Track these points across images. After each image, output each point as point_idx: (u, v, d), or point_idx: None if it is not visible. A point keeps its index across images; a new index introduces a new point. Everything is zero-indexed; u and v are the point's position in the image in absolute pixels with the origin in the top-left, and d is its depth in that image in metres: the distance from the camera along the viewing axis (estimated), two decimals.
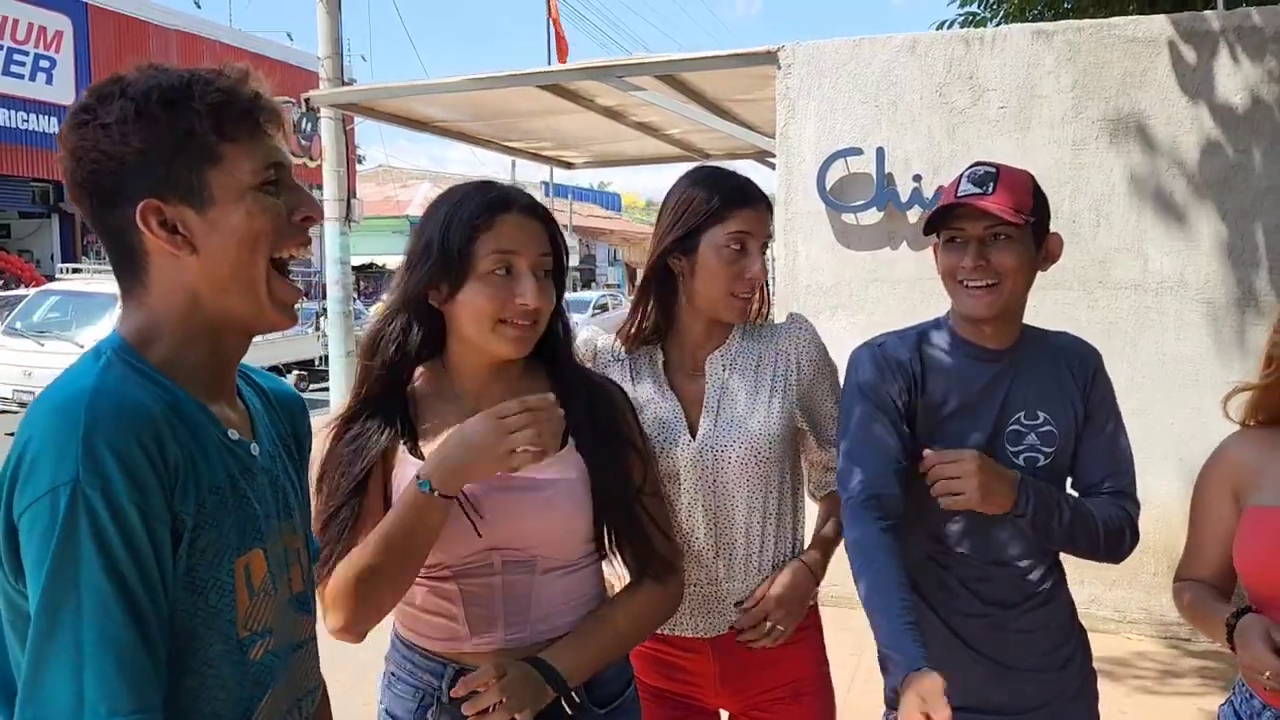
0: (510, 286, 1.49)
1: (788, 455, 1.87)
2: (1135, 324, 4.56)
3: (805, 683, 1.87)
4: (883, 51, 4.85)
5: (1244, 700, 1.58)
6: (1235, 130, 4.45)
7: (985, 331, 1.76)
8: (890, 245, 4.88)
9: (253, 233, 1.11)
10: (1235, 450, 1.65)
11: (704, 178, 1.89)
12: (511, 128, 7.20)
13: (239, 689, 1.10)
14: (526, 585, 1.53)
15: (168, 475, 1.02)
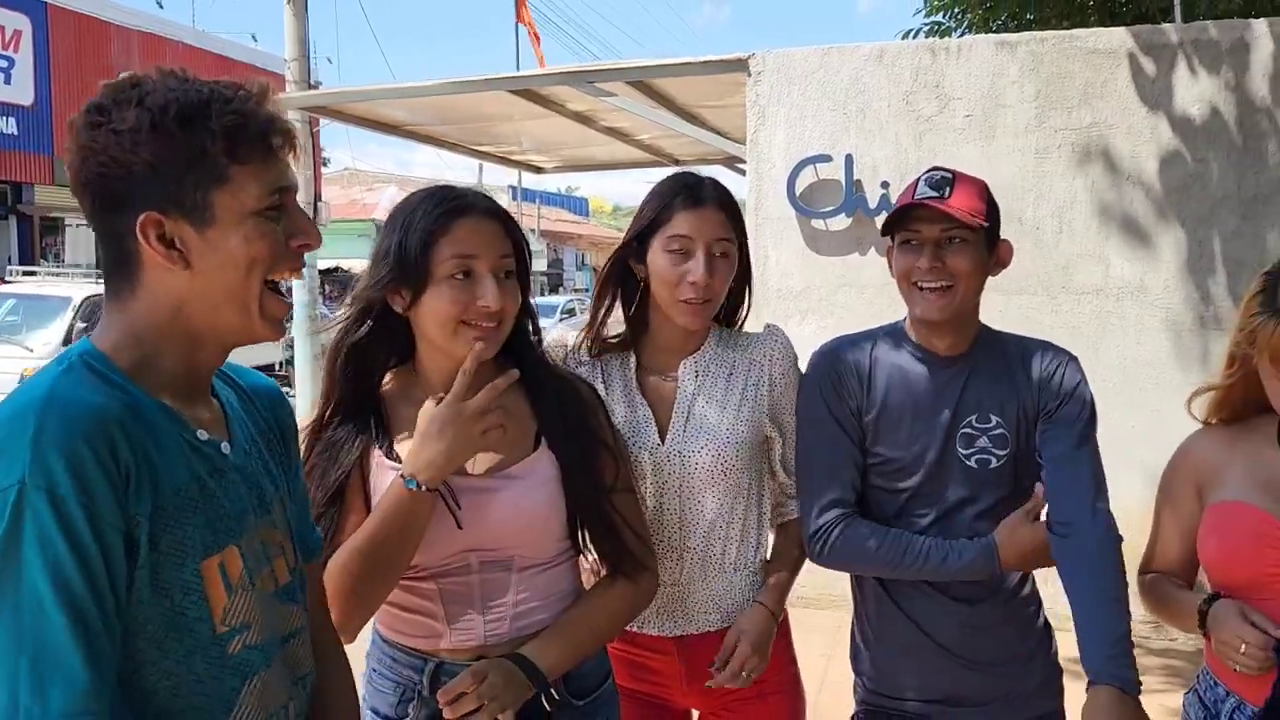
0: (471, 289, 1.51)
1: (754, 463, 1.88)
2: (1097, 329, 4.66)
3: (771, 683, 1.87)
4: (851, 60, 4.92)
5: (1208, 688, 1.63)
6: (1193, 140, 4.57)
7: (939, 335, 1.80)
8: (859, 251, 4.95)
9: (249, 258, 1.13)
10: (1198, 448, 1.69)
11: (665, 181, 1.90)
12: (481, 132, 7.21)
13: (216, 683, 1.11)
14: (504, 583, 1.56)
15: (120, 479, 1.02)
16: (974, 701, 1.79)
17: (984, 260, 1.76)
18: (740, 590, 1.86)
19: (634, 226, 1.88)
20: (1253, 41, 4.50)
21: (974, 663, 1.78)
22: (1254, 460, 1.61)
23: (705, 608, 1.85)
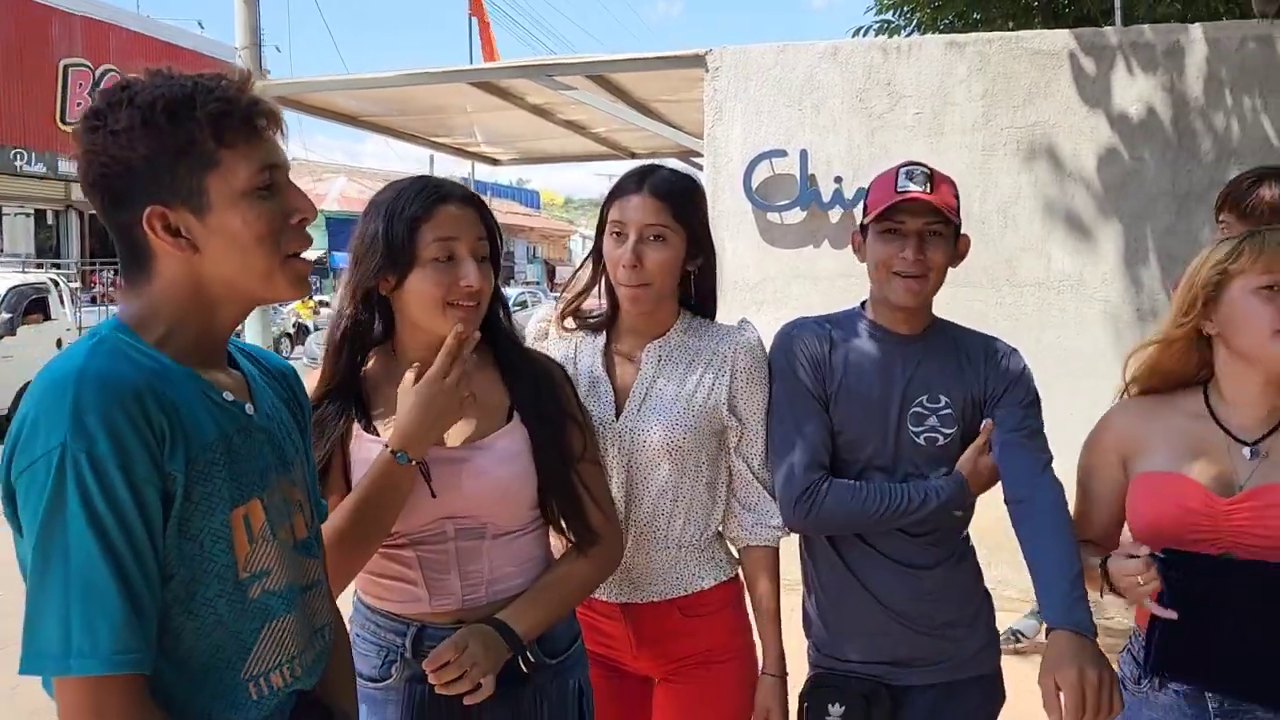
0: (453, 271, 1.60)
1: (705, 446, 1.94)
2: (1039, 320, 4.84)
3: (717, 651, 1.94)
4: (806, 57, 5.05)
5: (1141, 646, 1.76)
6: (1130, 139, 4.76)
7: (901, 319, 1.92)
8: (813, 243, 5.08)
9: (253, 236, 1.21)
10: (1120, 420, 1.81)
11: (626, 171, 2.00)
12: (439, 124, 7.24)
13: (235, 624, 1.21)
14: (478, 550, 1.65)
15: (154, 440, 1.11)
16: (921, 663, 1.91)
17: (952, 252, 1.89)
18: (685, 564, 1.94)
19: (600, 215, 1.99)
20: (1187, 45, 4.71)
21: (922, 627, 1.90)
22: (1176, 429, 1.72)
23: (650, 578, 1.93)
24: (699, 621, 1.94)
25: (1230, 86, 4.66)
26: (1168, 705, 1.67)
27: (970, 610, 1.94)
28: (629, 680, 1.99)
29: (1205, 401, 1.72)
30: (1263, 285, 1.61)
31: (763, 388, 1.97)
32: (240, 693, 1.22)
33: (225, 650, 1.21)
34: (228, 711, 1.21)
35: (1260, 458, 1.64)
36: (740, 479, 1.98)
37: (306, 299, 28.26)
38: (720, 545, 2.01)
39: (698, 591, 1.94)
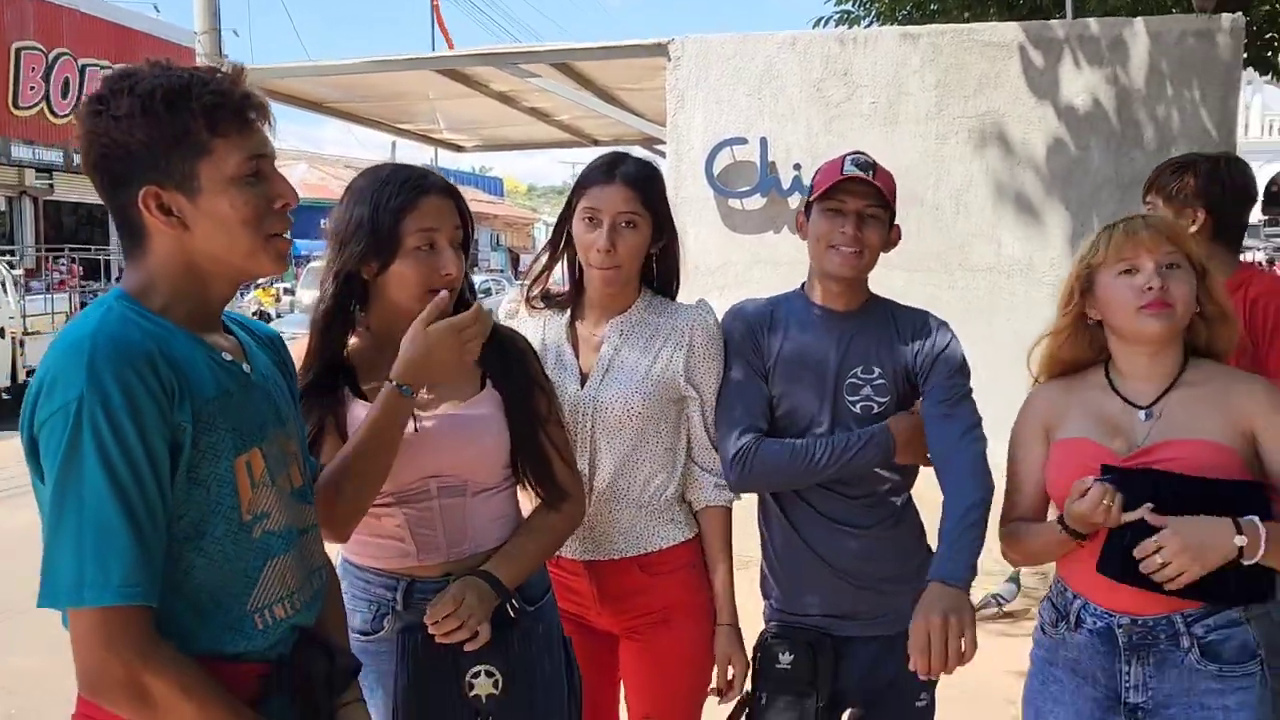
0: (434, 260, 1.72)
1: (663, 412, 2.07)
2: (990, 304, 5.01)
3: (675, 609, 2.07)
4: (766, 47, 5.18)
5: (1059, 594, 1.91)
6: (1077, 128, 4.94)
7: (837, 293, 2.07)
8: (773, 229, 5.22)
9: (239, 220, 1.32)
10: (1041, 397, 1.96)
11: (594, 159, 2.13)
12: (404, 110, 7.29)
13: (240, 561, 1.33)
14: (460, 507, 1.78)
15: (163, 394, 1.22)
16: (866, 616, 2.05)
17: (886, 237, 2.06)
18: (646, 524, 2.07)
19: (567, 199, 2.12)
20: (1131, 38, 4.89)
21: (862, 582, 2.04)
22: (1086, 401, 1.88)
23: (612, 537, 2.06)
24: (658, 579, 2.07)
25: (1171, 78, 4.85)
26: (1082, 644, 1.82)
27: (911, 568, 2.07)
28: (596, 636, 2.11)
29: (1106, 376, 1.88)
30: (1121, 270, 1.79)
31: (718, 362, 2.10)
32: (247, 623, 1.34)
33: (232, 585, 1.33)
34: (237, 640, 1.33)
35: (1154, 419, 1.80)
36: (698, 445, 2.12)
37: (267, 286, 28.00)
38: (680, 507, 2.12)
39: (658, 550, 2.07)
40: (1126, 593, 1.76)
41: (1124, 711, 1.79)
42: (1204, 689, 1.74)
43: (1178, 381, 1.81)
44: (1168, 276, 1.75)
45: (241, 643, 1.33)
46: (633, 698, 2.16)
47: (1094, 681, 1.82)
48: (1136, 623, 1.77)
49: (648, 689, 2.12)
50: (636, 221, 2.02)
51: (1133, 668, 1.77)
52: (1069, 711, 1.84)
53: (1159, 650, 1.76)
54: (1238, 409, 1.76)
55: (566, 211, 2.10)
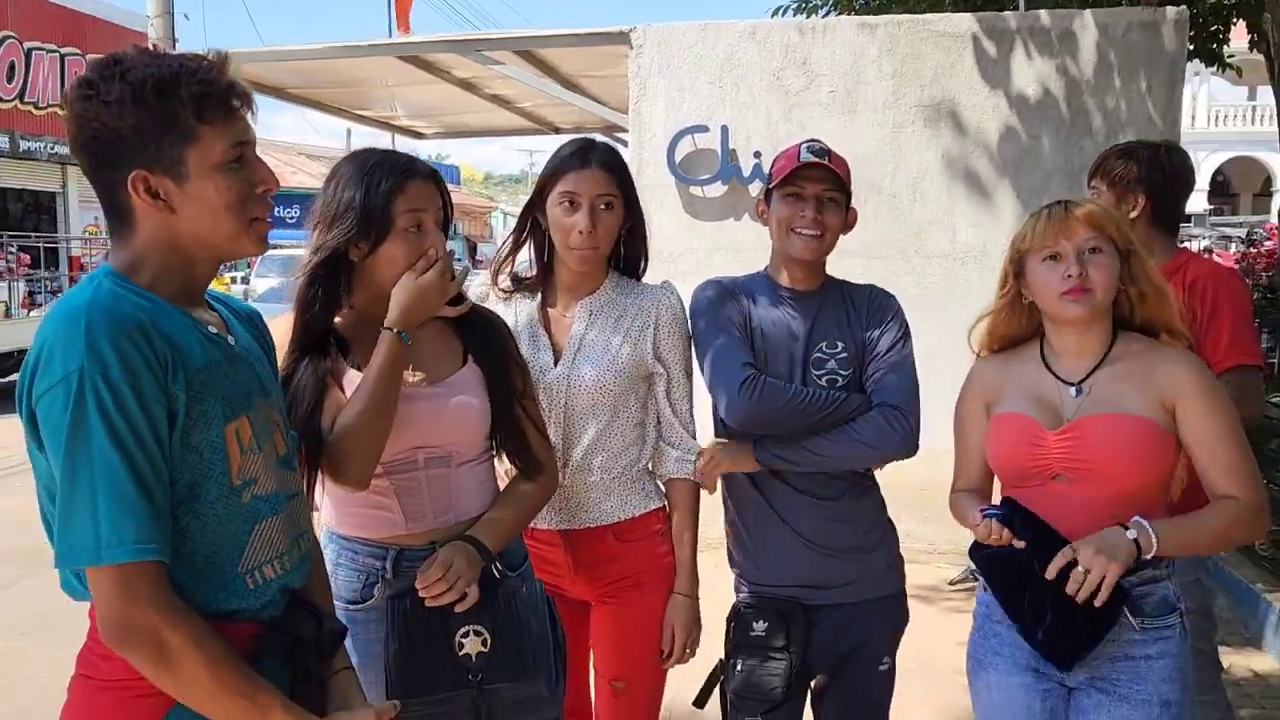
0: (421, 240, 1.80)
1: (633, 388, 2.16)
2: (945, 289, 5.13)
3: (645, 574, 2.17)
4: (726, 36, 5.25)
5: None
6: (1028, 118, 5.08)
7: (800, 275, 2.17)
8: (734, 216, 5.30)
9: (224, 204, 1.38)
10: (981, 373, 2.07)
11: (562, 145, 2.19)
12: (365, 97, 7.27)
13: (232, 524, 1.40)
14: (446, 477, 1.86)
15: (157, 364, 1.28)
16: (832, 584, 2.15)
17: (843, 219, 2.16)
18: (617, 494, 2.16)
19: (536, 187, 2.18)
20: (1080, 30, 5.03)
21: (832, 551, 2.14)
22: (1023, 377, 1.98)
23: (587, 508, 2.16)
24: (630, 546, 2.16)
25: (1118, 69, 5.00)
26: None
27: (874, 537, 2.19)
28: (569, 604, 2.18)
29: (1040, 353, 1.99)
30: (1045, 256, 1.90)
31: (684, 340, 2.19)
32: (239, 583, 1.41)
33: (224, 547, 1.39)
34: (230, 599, 1.40)
35: (1084, 395, 1.91)
36: (665, 420, 2.21)
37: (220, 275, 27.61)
38: (650, 479, 2.23)
39: (629, 518, 2.17)
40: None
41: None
42: (1128, 640, 1.85)
43: (1107, 358, 1.92)
44: (1088, 262, 1.85)
45: (234, 601, 1.40)
46: (602, 662, 2.24)
47: None
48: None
49: (619, 651, 2.20)
50: (612, 203, 2.11)
51: None
52: (1008, 663, 1.95)
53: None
54: (1162, 384, 1.86)
55: (536, 198, 2.16)
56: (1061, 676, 1.91)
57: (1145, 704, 1.84)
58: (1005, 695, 1.95)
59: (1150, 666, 1.85)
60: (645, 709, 2.24)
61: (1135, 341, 1.94)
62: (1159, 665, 1.85)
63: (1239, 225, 25.74)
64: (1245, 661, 4.08)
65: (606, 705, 2.24)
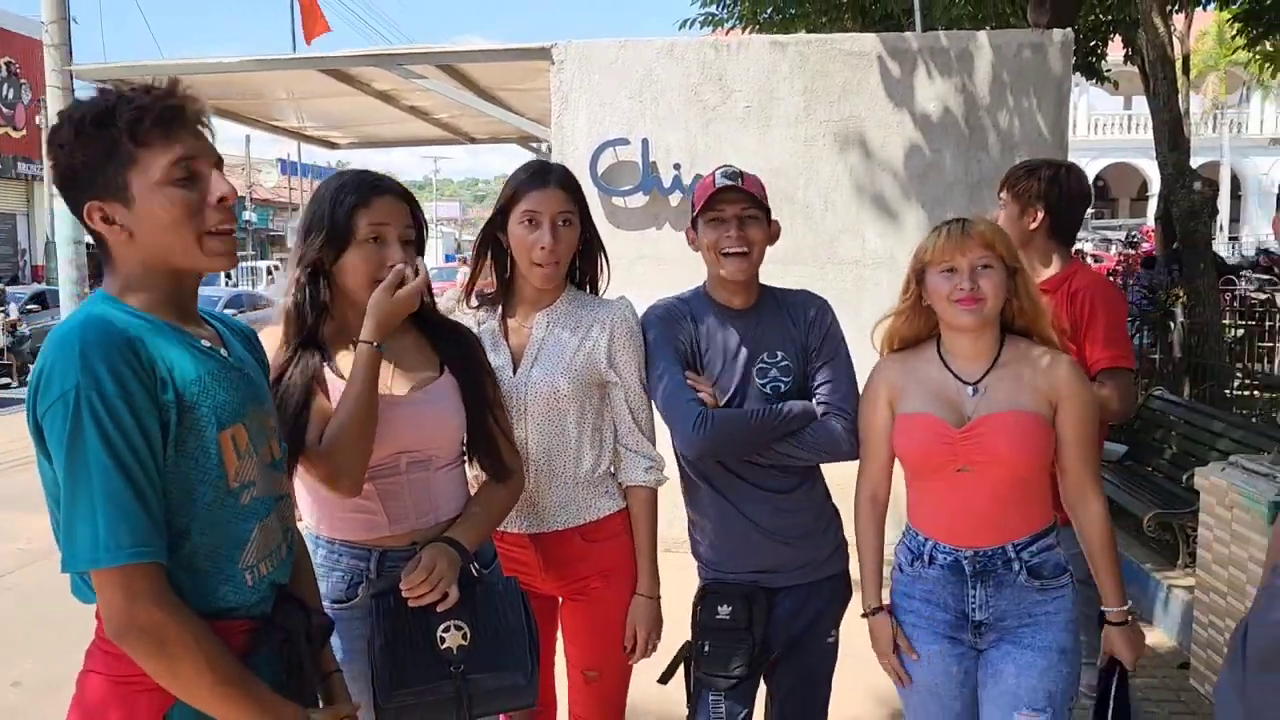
0: (382, 252, 1.92)
1: (588, 397, 2.27)
2: (857, 294, 5.40)
3: (614, 572, 2.31)
4: (645, 53, 5.44)
5: (911, 538, 2.23)
6: (930, 133, 5.39)
7: (735, 293, 2.34)
8: (655, 226, 5.49)
9: (169, 220, 1.45)
10: (885, 372, 2.26)
11: (519, 169, 2.32)
12: (280, 108, 7.24)
13: (232, 525, 1.50)
14: (426, 481, 1.98)
15: (148, 378, 1.38)
16: (787, 568, 2.33)
17: (766, 233, 2.33)
18: (582, 497, 2.29)
19: (496, 205, 2.31)
20: (976, 50, 5.37)
21: (784, 538, 2.32)
22: (925, 376, 2.20)
23: (553, 511, 2.28)
24: (597, 545, 2.30)
25: (1011, 87, 5.34)
26: (935, 577, 2.17)
27: (823, 524, 2.38)
28: (539, 600, 2.30)
29: (939, 354, 2.22)
30: (943, 269, 2.12)
31: (637, 350, 2.31)
32: (240, 579, 1.51)
33: (225, 545, 1.49)
34: (229, 595, 1.50)
35: (981, 394, 2.14)
36: (624, 427, 2.33)
37: None
38: (612, 481, 2.35)
39: (595, 520, 2.30)
40: (966, 531, 2.13)
41: (970, 628, 2.16)
42: (1030, 601, 2.13)
43: (998, 360, 2.16)
44: (980, 276, 2.08)
45: (234, 597, 1.51)
46: (574, 652, 2.38)
47: (945, 606, 2.17)
48: (978, 554, 2.13)
49: (590, 642, 2.35)
50: (570, 220, 2.24)
51: (977, 591, 2.13)
52: (926, 634, 2.19)
53: (996, 574, 2.13)
54: (1046, 383, 2.14)
55: (498, 218, 2.28)
56: (973, 640, 2.16)
57: (1045, 650, 2.12)
58: (926, 662, 2.19)
59: (1049, 620, 2.13)
60: (615, 694, 2.39)
61: (1019, 345, 2.19)
62: (1056, 619, 2.13)
63: (1119, 228, 27.12)
64: None
65: (579, 692, 2.38)
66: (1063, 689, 2.13)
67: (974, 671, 2.18)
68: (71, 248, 11.30)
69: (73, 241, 11.25)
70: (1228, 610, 3.65)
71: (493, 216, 2.31)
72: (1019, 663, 2.12)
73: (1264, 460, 3.75)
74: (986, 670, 2.16)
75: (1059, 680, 2.12)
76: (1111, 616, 2.17)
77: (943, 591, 2.16)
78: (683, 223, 5.41)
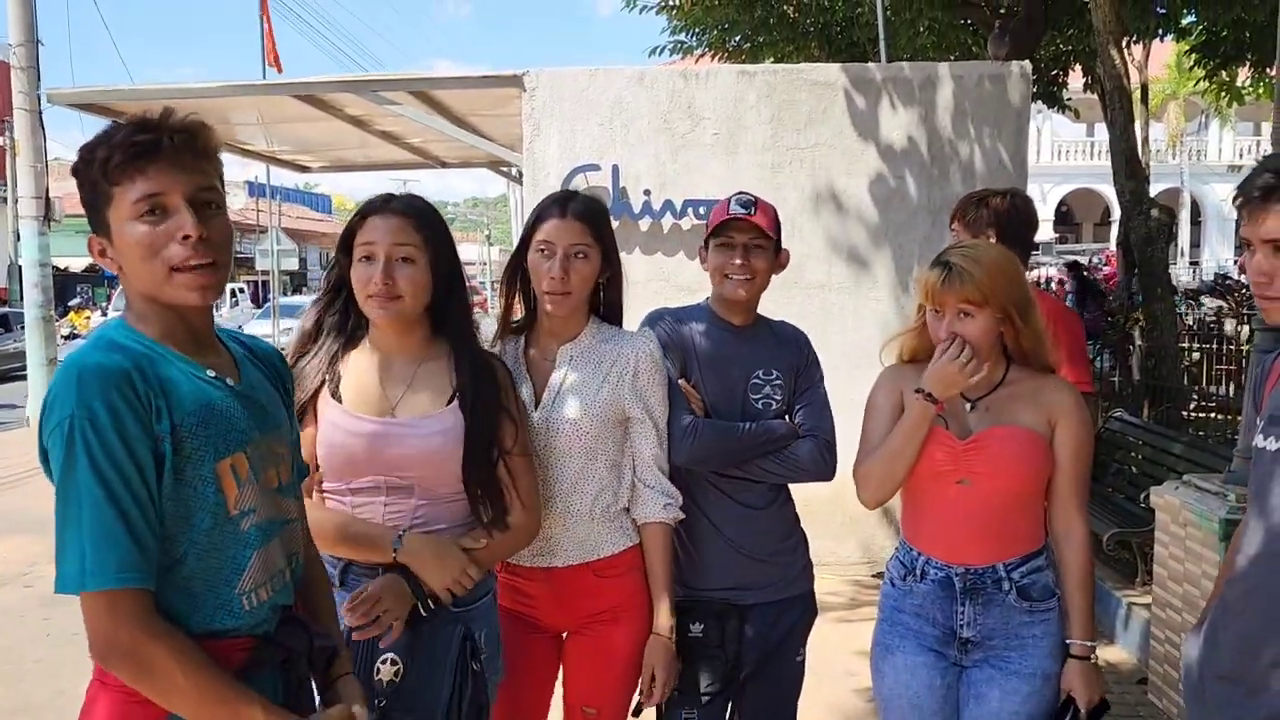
0: (368, 271, 1.98)
1: (610, 435, 2.26)
2: (823, 318, 5.48)
3: (623, 609, 2.26)
4: (616, 81, 5.53)
5: (905, 552, 2.28)
6: (894, 161, 5.52)
7: (736, 312, 2.43)
8: (626, 250, 5.45)
9: (138, 255, 1.48)
10: (892, 374, 2.32)
11: (544, 199, 2.33)
12: (254, 132, 7.27)
13: (231, 550, 1.53)
14: (406, 506, 2.00)
15: (143, 409, 1.42)
16: (758, 585, 2.39)
17: (772, 261, 2.42)
18: (597, 533, 2.26)
19: (521, 235, 2.33)
20: (938, 81, 5.51)
21: (757, 556, 2.39)
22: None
23: (567, 547, 2.25)
24: (608, 581, 2.27)
25: (972, 117, 5.49)
26: (926, 592, 2.22)
27: (792, 543, 2.46)
28: (542, 635, 2.30)
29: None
30: (933, 309, 2.19)
31: (662, 385, 2.31)
32: (236, 604, 1.53)
33: (224, 571, 1.52)
34: (228, 620, 1.53)
35: (982, 410, 2.23)
36: (643, 463, 2.31)
37: (78, 309, 26.26)
38: (627, 517, 2.32)
39: (608, 556, 2.27)
40: (960, 547, 2.18)
41: (957, 644, 2.20)
42: (1018, 622, 2.17)
43: (1003, 382, 2.23)
44: (961, 323, 2.15)
45: (230, 620, 1.54)
46: (574, 689, 2.34)
47: (934, 622, 2.21)
48: (970, 572, 2.18)
49: (593, 680, 2.31)
50: (587, 252, 2.21)
51: (966, 608, 2.18)
52: (913, 645, 2.23)
53: (986, 593, 2.18)
54: (1046, 405, 2.20)
55: (521, 247, 2.29)
56: (958, 656, 2.21)
57: (1030, 676, 2.16)
58: (910, 674, 2.23)
59: (1036, 644, 2.17)
60: None
61: (1024, 370, 2.25)
62: (1042, 643, 2.17)
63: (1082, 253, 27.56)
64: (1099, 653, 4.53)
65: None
66: (1043, 711, 2.17)
67: (955, 687, 2.22)
68: (37, 270, 11.26)
69: (38, 264, 11.21)
70: (1182, 625, 3.75)
71: (518, 246, 2.32)
72: (1004, 688, 2.17)
73: (1215, 480, 3.87)
74: (970, 690, 2.21)
75: (1040, 704, 2.16)
76: (1076, 650, 2.16)
77: (932, 607, 2.21)
78: (652, 247, 5.54)
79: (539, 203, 2.31)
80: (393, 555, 1.96)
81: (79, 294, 29.42)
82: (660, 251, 5.52)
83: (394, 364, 2.04)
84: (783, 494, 2.46)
